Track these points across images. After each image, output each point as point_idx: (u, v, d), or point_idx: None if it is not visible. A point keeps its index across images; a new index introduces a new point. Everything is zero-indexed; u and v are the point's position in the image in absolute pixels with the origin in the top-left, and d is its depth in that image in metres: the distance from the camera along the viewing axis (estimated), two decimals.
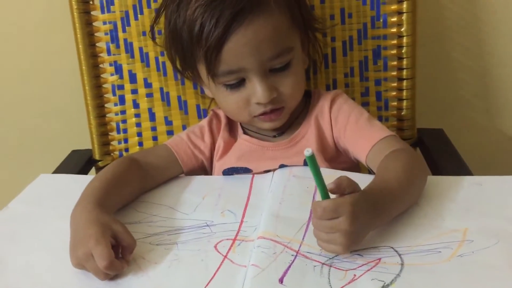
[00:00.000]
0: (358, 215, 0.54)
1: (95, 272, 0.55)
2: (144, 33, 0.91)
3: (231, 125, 0.81)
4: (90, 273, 0.56)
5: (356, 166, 0.79)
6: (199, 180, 0.77)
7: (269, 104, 0.71)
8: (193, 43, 0.69)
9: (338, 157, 0.77)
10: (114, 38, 0.92)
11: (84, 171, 0.93)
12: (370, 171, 0.74)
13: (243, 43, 0.67)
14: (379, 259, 0.56)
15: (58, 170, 0.90)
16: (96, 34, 0.92)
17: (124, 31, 0.92)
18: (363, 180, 0.60)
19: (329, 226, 0.54)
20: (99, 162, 0.96)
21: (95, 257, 0.55)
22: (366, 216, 0.55)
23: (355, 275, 0.53)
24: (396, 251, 0.57)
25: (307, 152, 0.52)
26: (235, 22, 0.66)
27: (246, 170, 0.76)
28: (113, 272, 0.55)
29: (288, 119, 0.76)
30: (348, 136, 0.74)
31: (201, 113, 0.94)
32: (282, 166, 0.75)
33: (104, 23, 0.92)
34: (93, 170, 0.97)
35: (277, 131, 0.78)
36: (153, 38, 0.83)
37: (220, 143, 0.79)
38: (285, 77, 0.71)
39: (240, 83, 0.70)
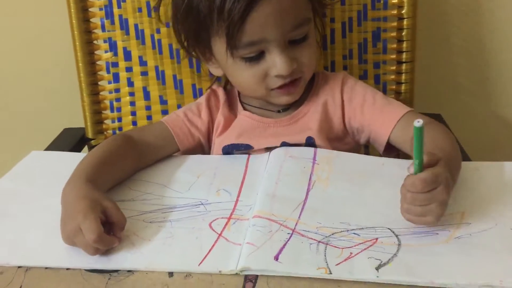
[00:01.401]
0: (449, 183, 0.55)
1: (84, 247, 0.54)
2: (140, 10, 0.90)
3: (230, 102, 0.80)
4: (81, 250, 0.55)
5: (358, 147, 0.79)
6: (194, 159, 0.76)
7: (288, 76, 0.70)
8: (213, 16, 0.67)
9: (343, 137, 0.77)
10: (109, 14, 0.90)
11: (76, 149, 0.92)
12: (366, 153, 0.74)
13: (267, 13, 0.66)
14: (376, 239, 0.55)
15: (50, 148, 0.89)
16: (90, 9, 0.90)
17: (119, 7, 0.90)
18: (368, 162, 0.61)
19: (427, 198, 0.54)
20: (92, 141, 0.95)
21: (84, 231, 0.54)
22: (452, 183, 0.57)
23: (351, 253, 0.53)
24: (393, 231, 0.56)
25: (418, 123, 0.51)
26: None
27: (247, 147, 0.75)
28: (102, 246, 0.54)
29: None
30: (367, 114, 0.74)
31: (196, 93, 0.92)
32: (284, 143, 0.74)
33: None
34: (85, 148, 0.96)
35: (282, 106, 0.77)
36: (159, 19, 0.82)
37: (220, 119, 0.78)
38: (302, 49, 0.71)
39: (259, 56, 0.70)
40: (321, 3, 0.78)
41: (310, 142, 0.73)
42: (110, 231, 0.57)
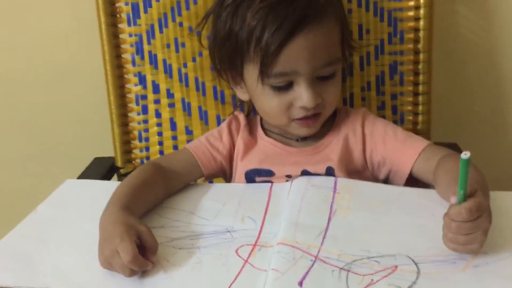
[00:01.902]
0: (490, 211, 0.57)
1: (120, 268, 0.57)
2: (168, 46, 0.95)
3: (250, 126, 0.84)
4: (117, 274, 0.58)
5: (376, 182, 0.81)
6: (219, 187, 0.79)
7: (312, 109, 0.74)
8: (251, 44, 0.71)
9: (362, 171, 0.79)
10: (139, 50, 0.95)
11: (106, 177, 0.96)
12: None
13: (302, 48, 0.70)
14: (396, 266, 0.57)
15: (82, 177, 0.93)
16: (122, 46, 0.95)
17: (149, 43, 0.95)
18: (387, 191, 0.63)
19: (472, 227, 0.55)
20: (121, 170, 0.99)
21: (120, 252, 0.57)
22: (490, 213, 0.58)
23: (372, 279, 0.55)
24: (412, 259, 0.58)
25: (465, 155, 0.53)
26: (299, 27, 0.69)
27: (268, 173, 0.78)
28: (137, 267, 0.57)
29: None
30: (389, 146, 0.77)
31: (220, 123, 0.96)
32: (304, 171, 0.77)
33: (130, 35, 0.95)
34: (115, 176, 0.99)
35: (300, 136, 0.80)
36: (200, 42, 0.86)
37: (240, 143, 0.81)
38: (329, 86, 0.74)
39: (287, 86, 0.73)
40: (351, 46, 0.82)
41: (329, 173, 0.76)
42: (144, 255, 0.60)
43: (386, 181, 0.80)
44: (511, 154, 1.09)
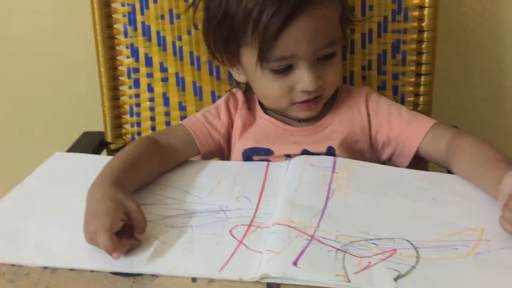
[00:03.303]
0: None
1: (103, 247, 0.55)
2: (162, 17, 0.91)
3: (249, 104, 0.81)
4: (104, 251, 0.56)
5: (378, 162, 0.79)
6: (215, 165, 0.76)
7: (313, 92, 0.71)
8: (248, 27, 0.69)
9: (364, 152, 0.77)
10: (132, 21, 0.92)
11: (95, 153, 0.93)
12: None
13: (303, 31, 0.67)
14: (395, 250, 0.55)
15: (70, 151, 0.90)
16: (113, 15, 0.92)
17: (142, 13, 0.91)
18: (388, 172, 0.62)
19: None
20: (111, 145, 0.96)
21: (97, 232, 0.54)
22: None
23: (370, 262, 0.53)
24: (412, 244, 0.56)
25: None
26: (298, 9, 0.66)
27: (267, 151, 0.76)
28: (112, 251, 0.54)
29: None
30: (395, 126, 0.75)
31: (215, 100, 0.94)
32: (304, 151, 0.75)
33: (123, 4, 0.91)
34: (104, 152, 0.97)
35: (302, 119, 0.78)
36: (195, 27, 0.83)
37: (238, 121, 0.79)
38: (329, 66, 0.72)
39: (287, 69, 0.71)
40: (350, 21, 0.79)
41: (330, 152, 0.74)
42: (132, 233, 0.58)
43: (389, 162, 0.79)
44: (511, 137, 1.08)
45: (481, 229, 0.59)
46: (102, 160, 0.69)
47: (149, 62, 0.93)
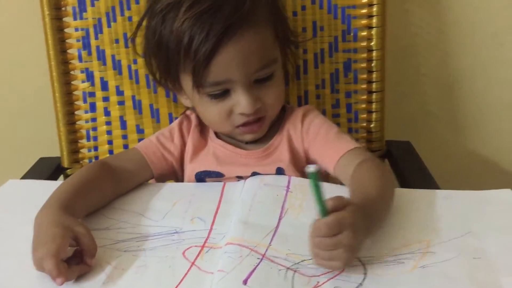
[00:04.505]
0: (358, 228, 0.54)
1: (50, 273, 0.54)
2: (117, 41, 0.91)
3: (202, 126, 0.81)
4: None
5: (326, 178, 0.80)
6: (170, 186, 0.77)
7: (252, 114, 0.72)
8: (180, 54, 0.69)
9: None
10: (86, 45, 0.92)
11: (52, 178, 0.92)
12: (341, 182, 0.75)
13: (232, 57, 0.68)
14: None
15: (26, 177, 0.89)
16: (67, 40, 0.92)
17: (96, 38, 0.91)
18: (341, 191, 0.61)
19: (332, 243, 0.53)
20: (68, 170, 0.95)
21: (43, 258, 0.54)
22: (363, 228, 0.55)
23: (318, 282, 0.54)
24: (360, 260, 0.57)
25: (310, 168, 0.50)
26: (226, 36, 0.67)
27: (218, 175, 0.77)
28: (57, 276, 0.53)
29: None
30: (317, 147, 0.76)
31: (173, 122, 0.94)
32: (254, 173, 0.76)
33: (76, 29, 0.91)
34: (61, 177, 0.95)
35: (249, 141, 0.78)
36: (135, 51, 0.83)
37: (189, 145, 0.79)
38: (268, 88, 0.73)
39: (224, 93, 0.71)
40: (289, 41, 0.80)
41: (280, 173, 0.75)
42: (82, 258, 0.57)
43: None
44: (462, 153, 1.11)
45: (427, 241, 0.60)
46: (55, 185, 0.68)
47: (105, 86, 0.93)
